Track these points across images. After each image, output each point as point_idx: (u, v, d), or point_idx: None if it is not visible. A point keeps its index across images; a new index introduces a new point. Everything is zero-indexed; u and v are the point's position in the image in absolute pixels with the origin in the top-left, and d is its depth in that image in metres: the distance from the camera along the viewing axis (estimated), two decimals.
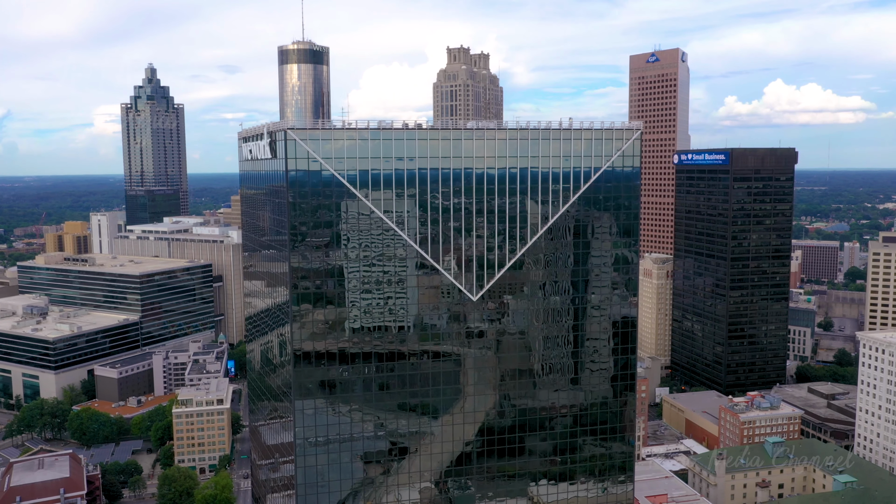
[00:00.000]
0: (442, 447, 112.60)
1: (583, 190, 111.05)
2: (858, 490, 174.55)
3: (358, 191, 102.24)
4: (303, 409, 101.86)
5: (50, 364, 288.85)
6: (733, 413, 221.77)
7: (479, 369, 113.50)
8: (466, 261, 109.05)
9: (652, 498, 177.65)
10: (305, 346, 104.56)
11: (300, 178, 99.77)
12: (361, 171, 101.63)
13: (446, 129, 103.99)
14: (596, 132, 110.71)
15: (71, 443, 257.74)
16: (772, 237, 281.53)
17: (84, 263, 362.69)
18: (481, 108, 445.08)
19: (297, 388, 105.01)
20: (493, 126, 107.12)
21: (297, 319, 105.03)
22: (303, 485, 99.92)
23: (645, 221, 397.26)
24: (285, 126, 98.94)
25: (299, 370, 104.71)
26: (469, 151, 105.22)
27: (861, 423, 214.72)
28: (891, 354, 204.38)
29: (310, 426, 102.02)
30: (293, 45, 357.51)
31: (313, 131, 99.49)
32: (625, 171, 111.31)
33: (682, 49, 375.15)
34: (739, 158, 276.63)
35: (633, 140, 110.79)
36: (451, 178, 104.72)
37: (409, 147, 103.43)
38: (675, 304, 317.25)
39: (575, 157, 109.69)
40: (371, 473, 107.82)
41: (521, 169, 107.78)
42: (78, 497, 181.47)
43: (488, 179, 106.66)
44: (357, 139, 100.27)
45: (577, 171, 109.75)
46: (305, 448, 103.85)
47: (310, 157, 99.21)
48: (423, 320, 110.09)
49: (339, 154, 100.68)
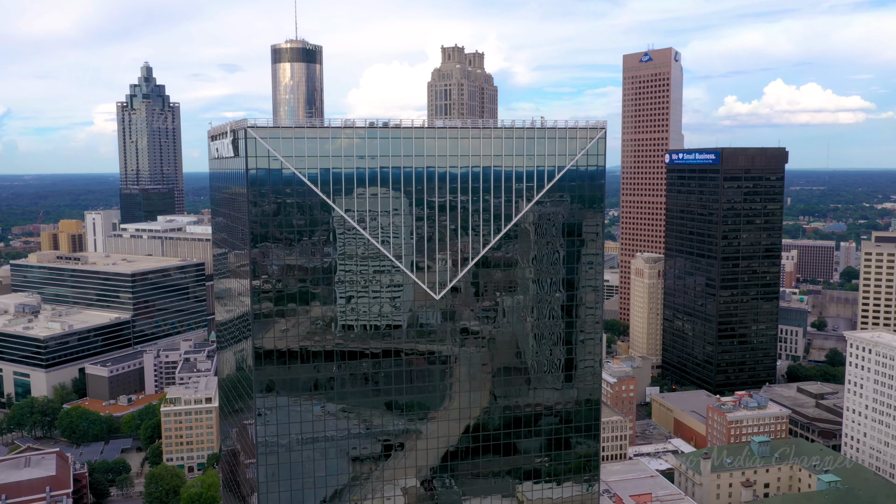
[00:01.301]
0: (407, 446, 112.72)
1: (546, 189, 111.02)
2: (842, 490, 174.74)
3: (319, 189, 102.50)
4: (264, 407, 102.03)
5: (41, 362, 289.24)
6: (720, 412, 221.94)
7: (445, 368, 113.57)
8: (429, 259, 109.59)
9: (636, 497, 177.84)
10: (266, 345, 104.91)
11: (261, 177, 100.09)
12: (323, 170, 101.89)
13: (409, 127, 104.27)
14: (560, 131, 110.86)
15: (61, 441, 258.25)
16: (762, 237, 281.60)
17: (76, 262, 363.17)
18: (476, 108, 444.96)
19: (259, 387, 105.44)
20: (457, 125, 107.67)
21: (258, 318, 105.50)
22: (265, 482, 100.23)
23: (636, 221, 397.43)
24: (246, 124, 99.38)
25: (260, 369, 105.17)
26: (431, 150, 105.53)
27: (848, 423, 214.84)
28: (878, 354, 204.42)
29: (271, 424, 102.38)
30: (286, 44, 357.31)
31: (274, 130, 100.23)
32: (589, 170, 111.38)
33: (675, 49, 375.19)
34: (730, 158, 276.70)
35: (598, 139, 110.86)
36: (413, 176, 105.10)
37: (370, 146, 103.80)
38: (666, 304, 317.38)
39: (539, 156, 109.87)
40: (336, 472, 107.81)
41: (485, 168, 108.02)
42: (64, 495, 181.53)
43: (451, 178, 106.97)
44: (318, 138, 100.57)
45: (540, 171, 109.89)
46: (267, 448, 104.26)
47: (270, 155, 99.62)
48: (387, 318, 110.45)
49: (300, 153, 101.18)
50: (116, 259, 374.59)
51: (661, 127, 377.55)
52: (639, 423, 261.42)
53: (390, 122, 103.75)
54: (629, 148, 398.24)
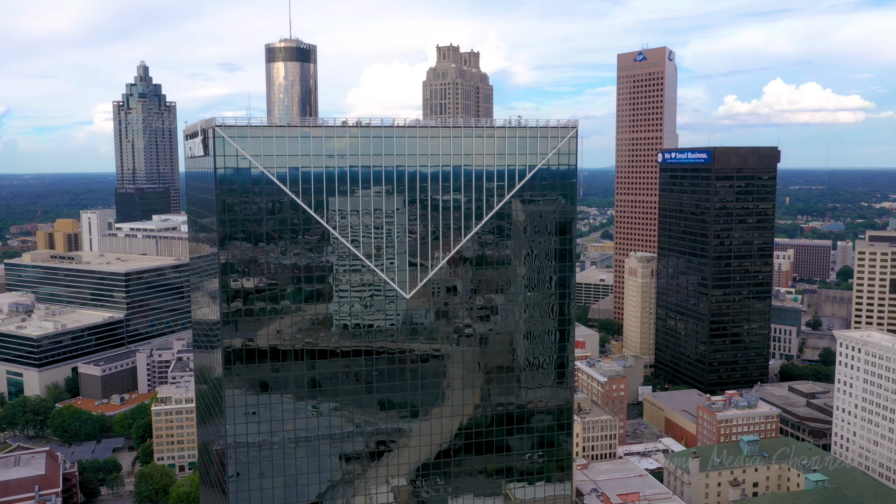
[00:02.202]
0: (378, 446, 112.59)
1: (518, 188, 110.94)
2: (830, 489, 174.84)
3: (288, 188, 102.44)
4: (233, 405, 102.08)
5: (34, 362, 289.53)
6: (710, 412, 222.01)
7: (416, 367, 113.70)
8: (399, 258, 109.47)
9: (623, 496, 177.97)
10: (236, 344, 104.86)
11: (229, 176, 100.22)
12: (292, 169, 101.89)
13: (379, 126, 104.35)
14: (532, 130, 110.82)
15: (53, 440, 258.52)
16: (754, 236, 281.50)
17: (70, 261, 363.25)
18: (471, 107, 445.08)
19: (228, 386, 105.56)
20: (428, 124, 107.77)
21: (228, 317, 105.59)
22: (234, 481, 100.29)
23: (631, 220, 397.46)
24: (215, 123, 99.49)
25: (229, 368, 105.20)
26: (402, 149, 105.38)
27: (838, 422, 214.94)
28: (867, 353, 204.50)
29: (241, 423, 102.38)
30: (280, 43, 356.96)
31: (243, 129, 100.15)
32: (560, 169, 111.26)
33: (669, 48, 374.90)
34: (722, 157, 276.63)
35: (569, 138, 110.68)
36: (382, 176, 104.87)
37: (339, 145, 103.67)
38: (659, 303, 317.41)
39: (510, 155, 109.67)
40: (302, 472, 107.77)
41: (456, 167, 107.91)
42: (53, 494, 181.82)
43: (421, 177, 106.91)
44: (287, 137, 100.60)
45: (511, 170, 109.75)
46: (237, 447, 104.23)
47: (238, 154, 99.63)
48: (357, 317, 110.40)
49: (269, 151, 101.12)
50: (111, 258, 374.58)
51: (656, 126, 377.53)
52: (630, 423, 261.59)
53: (361, 121, 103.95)
54: (623, 147, 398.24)
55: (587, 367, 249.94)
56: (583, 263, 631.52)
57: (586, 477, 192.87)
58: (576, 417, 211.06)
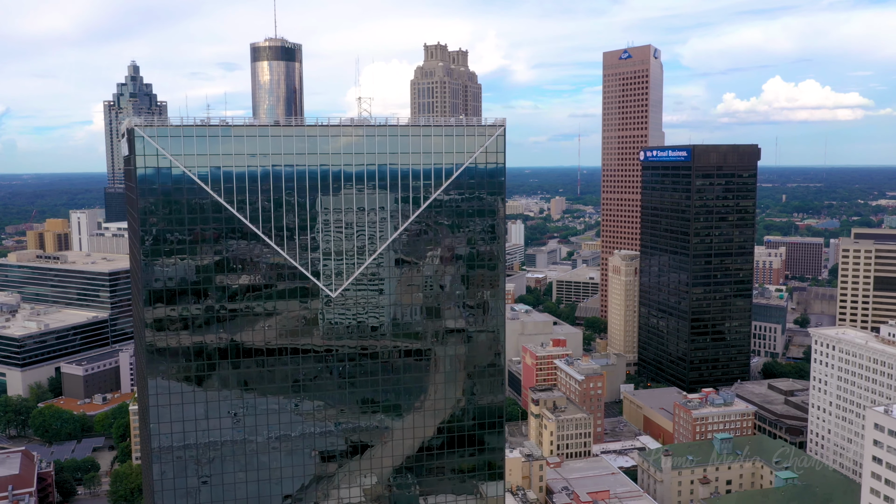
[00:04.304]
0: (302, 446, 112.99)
1: (444, 186, 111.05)
2: (799, 486, 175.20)
3: (210, 188, 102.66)
4: (157, 405, 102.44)
5: (17, 361, 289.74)
6: (686, 409, 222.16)
7: (343, 365, 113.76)
8: (325, 257, 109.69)
9: (594, 494, 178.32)
10: (158, 343, 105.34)
11: (150, 176, 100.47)
12: (214, 169, 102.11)
13: (300, 125, 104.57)
14: (458, 129, 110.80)
15: (35, 440, 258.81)
16: (735, 233, 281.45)
17: (56, 261, 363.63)
18: (459, 105, 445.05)
19: (152, 386, 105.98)
20: (353, 123, 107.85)
21: (149, 316, 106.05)
22: (159, 480, 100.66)
23: (617, 218, 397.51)
24: (134, 123, 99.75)
25: (152, 367, 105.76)
26: (325, 148, 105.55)
27: (813, 420, 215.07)
28: (841, 351, 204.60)
29: (165, 423, 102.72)
30: (265, 43, 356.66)
31: (163, 128, 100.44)
32: (488, 167, 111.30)
33: (654, 46, 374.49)
34: (702, 155, 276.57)
35: (497, 136, 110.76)
36: (306, 175, 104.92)
37: (261, 144, 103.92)
38: (642, 301, 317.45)
39: (436, 153, 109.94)
40: (225, 472, 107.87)
41: (380, 166, 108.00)
42: (27, 494, 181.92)
43: (346, 176, 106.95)
44: (208, 136, 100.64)
45: (438, 169, 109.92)
46: (161, 447, 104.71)
47: (159, 154, 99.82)
48: (282, 316, 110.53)
49: (189, 151, 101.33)
50: (96, 258, 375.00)
51: (641, 124, 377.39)
52: (611, 421, 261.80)
53: (280, 121, 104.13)
54: (609, 146, 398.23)
55: (565, 366, 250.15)
56: (574, 262, 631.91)
57: (558, 475, 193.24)
58: (550, 416, 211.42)
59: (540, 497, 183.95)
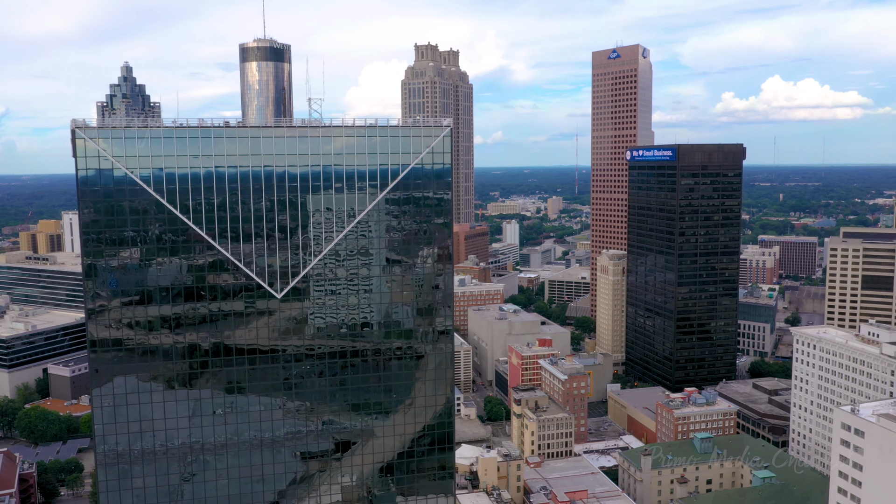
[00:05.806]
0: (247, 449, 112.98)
1: (391, 187, 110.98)
2: (777, 486, 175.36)
3: (153, 190, 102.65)
4: (101, 405, 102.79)
5: (4, 362, 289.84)
6: (668, 409, 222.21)
7: (290, 367, 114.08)
8: (269, 259, 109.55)
9: (571, 494, 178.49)
10: (101, 344, 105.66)
11: (91, 177, 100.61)
12: (156, 170, 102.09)
13: (244, 126, 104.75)
14: (403, 129, 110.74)
15: (21, 441, 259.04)
16: (720, 233, 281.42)
17: (45, 262, 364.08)
18: (449, 105, 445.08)
19: (94, 385, 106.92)
20: (297, 124, 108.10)
21: (92, 316, 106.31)
22: (104, 482, 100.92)
23: (605, 218, 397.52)
24: (76, 125, 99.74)
25: (94, 365, 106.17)
26: (269, 150, 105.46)
27: (795, 419, 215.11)
28: (822, 350, 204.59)
29: (109, 423, 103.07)
30: (253, 43, 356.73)
31: (105, 129, 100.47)
32: (434, 168, 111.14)
33: (643, 46, 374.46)
34: (686, 154, 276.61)
35: (443, 137, 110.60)
36: (250, 176, 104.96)
37: (204, 145, 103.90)
38: (629, 301, 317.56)
39: (382, 154, 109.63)
40: (174, 472, 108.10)
41: (326, 167, 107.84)
42: (7, 495, 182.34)
43: (290, 177, 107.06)
44: (150, 137, 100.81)
45: (384, 169, 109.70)
46: (106, 446, 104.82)
47: (100, 155, 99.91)
48: (227, 316, 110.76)
49: (132, 152, 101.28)
50: None
51: (629, 124, 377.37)
52: (595, 420, 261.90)
53: (229, 122, 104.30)
54: (598, 146, 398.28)
55: (549, 365, 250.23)
56: (568, 261, 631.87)
57: (538, 475, 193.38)
58: (531, 415, 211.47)
59: (517, 497, 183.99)
